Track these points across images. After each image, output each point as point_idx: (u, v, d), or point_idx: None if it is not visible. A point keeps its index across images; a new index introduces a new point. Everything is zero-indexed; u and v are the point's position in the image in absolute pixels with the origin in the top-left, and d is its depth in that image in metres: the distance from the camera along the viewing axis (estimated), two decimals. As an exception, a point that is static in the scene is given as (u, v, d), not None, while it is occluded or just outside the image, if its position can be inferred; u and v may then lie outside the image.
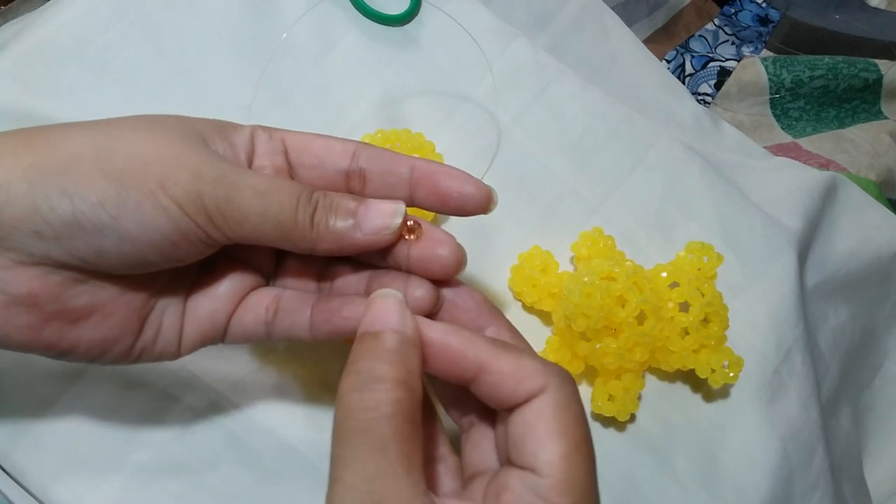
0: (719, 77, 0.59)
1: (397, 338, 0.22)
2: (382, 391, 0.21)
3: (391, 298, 0.23)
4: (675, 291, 0.37)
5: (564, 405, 0.22)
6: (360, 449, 0.20)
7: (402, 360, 0.22)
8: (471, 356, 0.23)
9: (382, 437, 0.20)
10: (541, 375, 0.22)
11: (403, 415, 0.21)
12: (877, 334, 0.49)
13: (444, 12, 0.44)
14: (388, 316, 0.22)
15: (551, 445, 0.21)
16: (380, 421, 0.20)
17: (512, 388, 0.22)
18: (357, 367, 0.21)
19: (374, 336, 0.22)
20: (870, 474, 0.46)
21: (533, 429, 0.22)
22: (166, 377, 0.34)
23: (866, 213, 0.48)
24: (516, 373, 0.22)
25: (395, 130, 0.39)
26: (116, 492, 0.32)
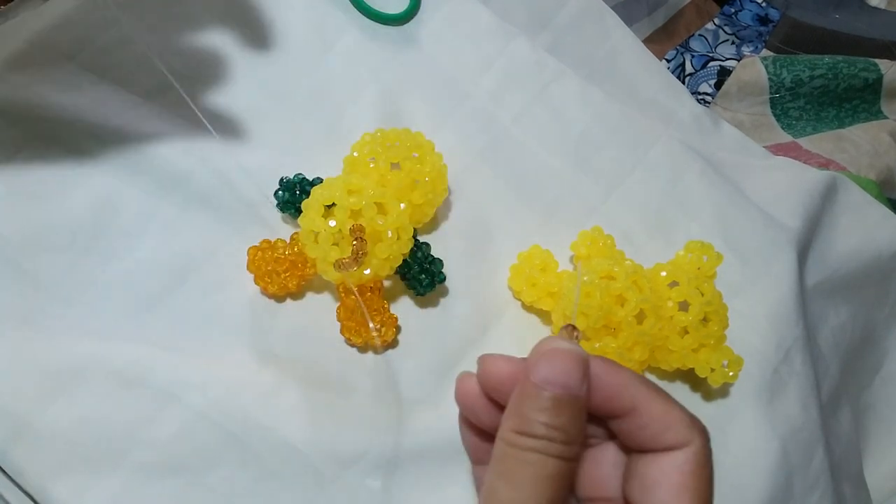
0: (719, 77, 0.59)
1: (582, 407, 0.22)
2: (556, 458, 0.21)
3: (573, 355, 0.22)
4: (675, 291, 0.37)
5: (704, 464, 0.22)
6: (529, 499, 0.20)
7: (580, 434, 0.22)
8: (626, 395, 0.22)
9: (545, 494, 0.20)
10: (688, 429, 0.22)
11: (567, 481, 0.21)
12: (877, 334, 0.49)
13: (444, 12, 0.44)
14: (573, 378, 0.22)
15: (683, 501, 0.21)
16: (547, 479, 0.21)
17: (656, 434, 0.22)
18: (535, 429, 0.21)
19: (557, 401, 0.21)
20: (870, 474, 0.46)
21: (669, 481, 0.21)
22: (166, 377, 0.34)
23: (866, 213, 0.48)
24: (665, 419, 0.22)
25: (395, 130, 0.39)
26: (116, 491, 0.32)
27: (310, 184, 0.38)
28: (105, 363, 0.34)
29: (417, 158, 0.38)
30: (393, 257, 0.35)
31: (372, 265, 0.34)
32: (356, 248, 0.33)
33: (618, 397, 0.22)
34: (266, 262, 0.36)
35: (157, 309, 0.36)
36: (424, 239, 0.39)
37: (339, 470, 0.34)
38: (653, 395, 0.22)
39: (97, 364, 0.33)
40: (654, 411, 0.22)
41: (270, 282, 0.36)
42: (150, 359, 0.34)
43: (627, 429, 0.22)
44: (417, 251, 0.37)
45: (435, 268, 0.37)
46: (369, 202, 0.34)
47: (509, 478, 0.21)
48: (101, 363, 0.34)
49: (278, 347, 0.36)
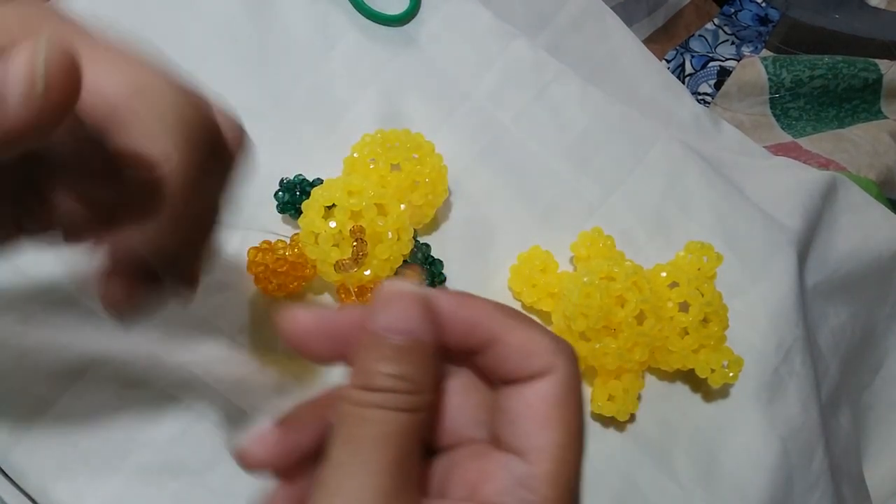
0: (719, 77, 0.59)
1: (429, 351, 0.19)
2: (401, 411, 0.19)
3: (411, 296, 0.20)
4: (675, 291, 0.37)
5: (569, 390, 0.20)
6: (365, 465, 0.18)
7: (430, 381, 0.19)
8: (483, 327, 0.20)
9: (390, 455, 0.18)
10: (552, 354, 0.20)
11: (417, 435, 0.19)
12: (877, 334, 0.49)
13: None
14: (414, 320, 0.19)
15: (549, 431, 0.19)
16: (391, 437, 0.18)
17: (518, 363, 0.20)
18: (374, 381, 0.19)
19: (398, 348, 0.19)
20: (870, 474, 0.46)
21: (532, 410, 0.20)
22: (166, 377, 0.34)
23: (866, 213, 0.48)
24: (527, 347, 0.20)
25: (395, 130, 0.39)
26: (116, 492, 0.32)
27: (310, 185, 0.38)
28: (105, 364, 0.34)
29: (417, 159, 0.38)
30: (393, 258, 0.35)
31: (372, 266, 0.34)
32: (356, 250, 0.33)
33: (474, 331, 0.20)
34: (266, 263, 0.36)
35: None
36: (424, 240, 0.39)
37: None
38: (514, 324, 0.20)
39: (97, 365, 0.34)
40: (515, 340, 0.20)
41: (271, 283, 0.36)
42: (151, 360, 0.34)
43: (490, 362, 0.20)
44: (418, 252, 0.37)
45: (435, 269, 0.38)
46: (369, 203, 0.34)
47: (348, 439, 0.18)
48: (101, 364, 0.34)
49: (279, 348, 0.36)
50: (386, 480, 0.18)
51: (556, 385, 0.20)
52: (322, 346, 0.20)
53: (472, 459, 0.21)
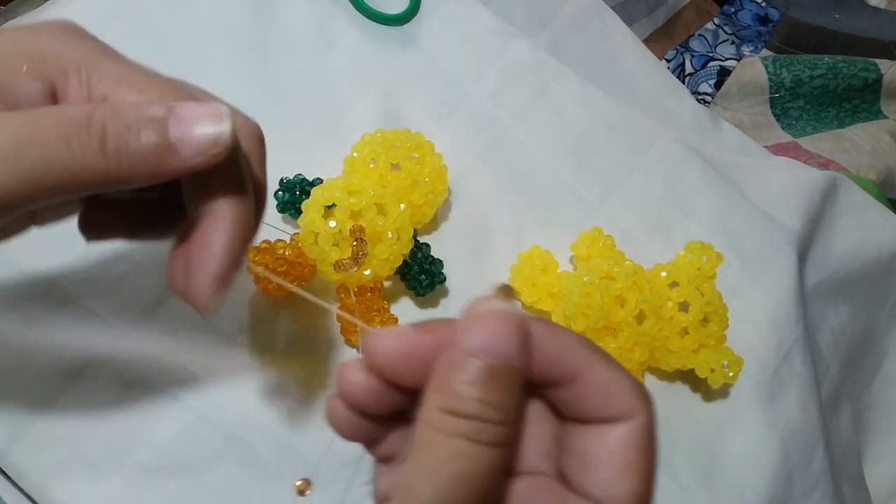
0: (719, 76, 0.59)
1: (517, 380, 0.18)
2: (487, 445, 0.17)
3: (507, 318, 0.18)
4: (675, 291, 0.37)
5: (650, 438, 0.20)
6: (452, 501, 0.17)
7: (515, 413, 0.18)
8: (568, 361, 0.19)
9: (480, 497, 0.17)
10: (635, 399, 0.19)
11: (500, 469, 0.18)
12: (877, 334, 0.49)
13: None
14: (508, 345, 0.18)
15: (628, 481, 0.19)
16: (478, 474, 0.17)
17: (599, 403, 0.19)
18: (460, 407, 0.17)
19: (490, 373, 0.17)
20: (870, 474, 0.46)
21: (612, 457, 0.19)
22: (166, 377, 0.34)
23: (866, 213, 0.48)
24: (610, 388, 0.19)
25: (395, 130, 0.39)
26: (116, 492, 0.32)
27: (310, 184, 0.38)
28: (105, 364, 0.34)
29: (417, 159, 0.38)
30: (393, 258, 0.35)
31: (372, 266, 0.34)
32: (356, 249, 0.33)
33: (559, 364, 0.19)
34: (266, 263, 0.36)
35: (157, 309, 0.36)
36: (424, 239, 0.39)
37: (339, 470, 0.34)
38: (597, 361, 0.19)
39: (97, 365, 0.34)
40: (597, 379, 0.19)
41: (271, 283, 0.36)
42: (151, 359, 0.34)
43: (567, 398, 0.19)
44: (417, 252, 0.37)
45: (435, 268, 0.38)
46: (369, 203, 0.34)
47: (432, 474, 0.17)
48: (101, 364, 0.34)
49: (279, 348, 0.36)
50: None
51: (637, 431, 0.19)
52: (409, 370, 0.19)
53: (544, 495, 0.20)
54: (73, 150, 0.19)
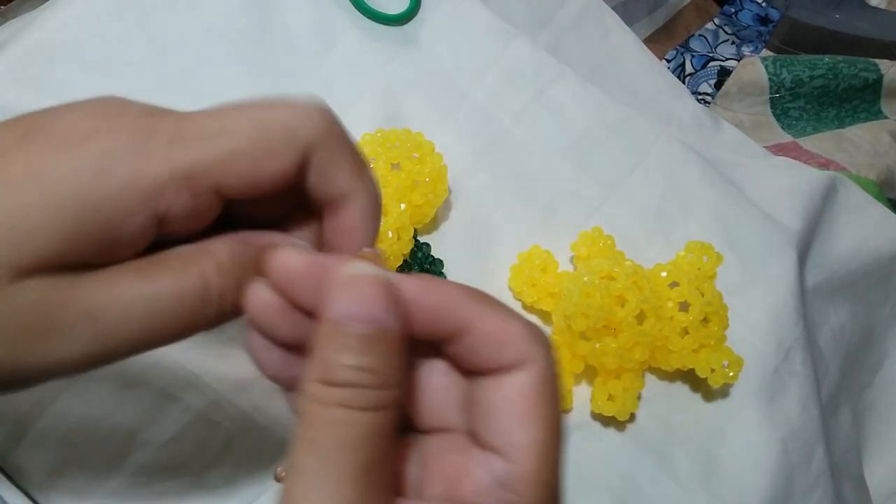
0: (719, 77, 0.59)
1: (396, 341, 0.18)
2: (368, 410, 0.17)
3: (373, 280, 0.18)
4: (675, 291, 0.37)
5: (548, 382, 0.18)
6: (337, 471, 0.16)
7: (398, 374, 0.18)
8: (453, 314, 0.19)
9: (358, 462, 0.17)
10: (528, 343, 0.18)
11: (387, 434, 0.17)
12: (877, 334, 0.49)
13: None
14: (378, 308, 0.17)
15: (528, 429, 0.18)
16: (359, 440, 0.17)
17: (491, 353, 0.19)
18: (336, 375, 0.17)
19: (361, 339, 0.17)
20: (870, 474, 0.46)
21: (510, 405, 0.18)
22: (166, 377, 0.34)
23: (866, 213, 0.48)
24: (499, 335, 0.18)
25: (395, 130, 0.39)
26: (116, 492, 0.32)
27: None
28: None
29: (418, 159, 0.38)
30: (393, 258, 0.35)
31: None
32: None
33: (443, 318, 0.19)
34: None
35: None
36: (424, 239, 0.39)
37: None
38: (485, 310, 0.19)
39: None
40: (486, 328, 0.18)
41: None
42: (151, 359, 0.34)
43: (461, 351, 0.19)
44: (417, 252, 0.37)
45: (435, 268, 0.37)
46: None
47: (313, 444, 0.17)
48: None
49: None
50: (354, 490, 0.16)
51: (534, 378, 0.18)
52: (310, 290, 0.18)
53: (451, 453, 0.19)
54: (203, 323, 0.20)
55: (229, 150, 0.19)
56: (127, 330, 0.19)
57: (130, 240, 0.19)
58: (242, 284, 0.20)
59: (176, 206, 0.19)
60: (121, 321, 0.19)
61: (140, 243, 0.19)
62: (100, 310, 0.19)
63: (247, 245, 0.21)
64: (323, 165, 0.20)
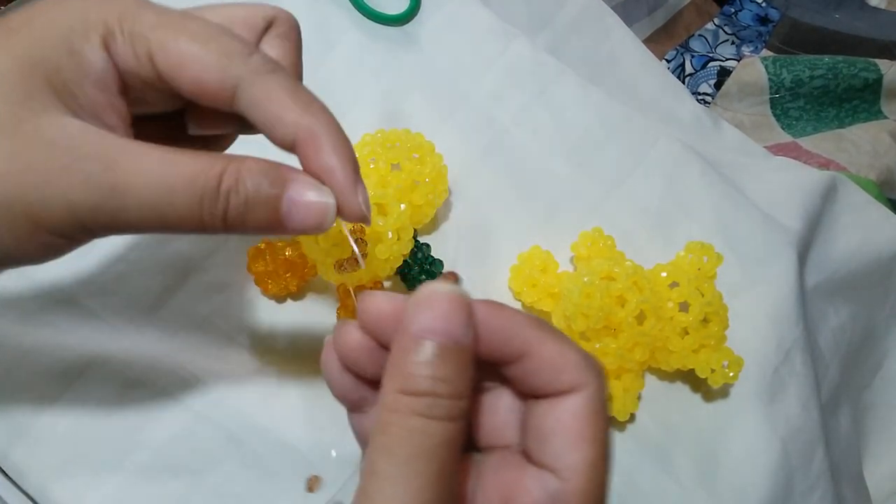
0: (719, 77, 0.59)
1: (468, 356, 0.19)
2: (443, 420, 0.18)
3: (452, 298, 0.19)
4: (675, 291, 0.37)
5: (599, 406, 0.20)
6: (414, 477, 0.18)
7: (468, 387, 0.19)
8: (517, 338, 0.20)
9: (433, 467, 0.18)
10: (582, 371, 0.20)
11: (459, 442, 0.19)
12: (877, 334, 0.49)
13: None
14: (456, 324, 0.19)
15: (581, 450, 0.19)
16: (436, 448, 0.18)
17: (548, 377, 0.20)
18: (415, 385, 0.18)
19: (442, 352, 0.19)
20: (870, 474, 0.46)
21: (563, 427, 0.20)
22: (166, 377, 0.34)
23: (866, 213, 0.48)
24: (557, 361, 0.20)
25: (395, 130, 0.39)
26: (116, 492, 0.32)
27: (310, 184, 0.38)
28: (105, 364, 0.34)
29: (418, 159, 0.38)
30: (393, 258, 0.35)
31: (372, 266, 0.34)
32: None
33: (508, 341, 0.20)
34: (267, 264, 0.36)
35: (157, 309, 0.36)
36: (424, 239, 0.39)
37: (339, 470, 0.34)
38: (545, 337, 0.20)
39: (97, 365, 0.34)
40: (545, 354, 0.20)
41: (271, 283, 0.36)
42: (151, 359, 0.34)
43: (520, 374, 0.20)
44: (418, 252, 0.37)
45: (435, 269, 0.37)
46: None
47: (391, 451, 0.18)
48: (101, 364, 0.34)
49: (279, 348, 0.36)
50: (429, 496, 0.18)
51: (587, 402, 0.20)
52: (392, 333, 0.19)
53: (507, 469, 0.20)
54: (203, 212, 0.21)
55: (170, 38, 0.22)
56: (140, 192, 0.20)
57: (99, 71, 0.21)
58: (254, 196, 0.21)
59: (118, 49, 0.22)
60: (138, 182, 0.20)
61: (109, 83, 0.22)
62: (121, 164, 0.21)
63: (272, 170, 0.22)
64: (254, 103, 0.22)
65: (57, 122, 0.21)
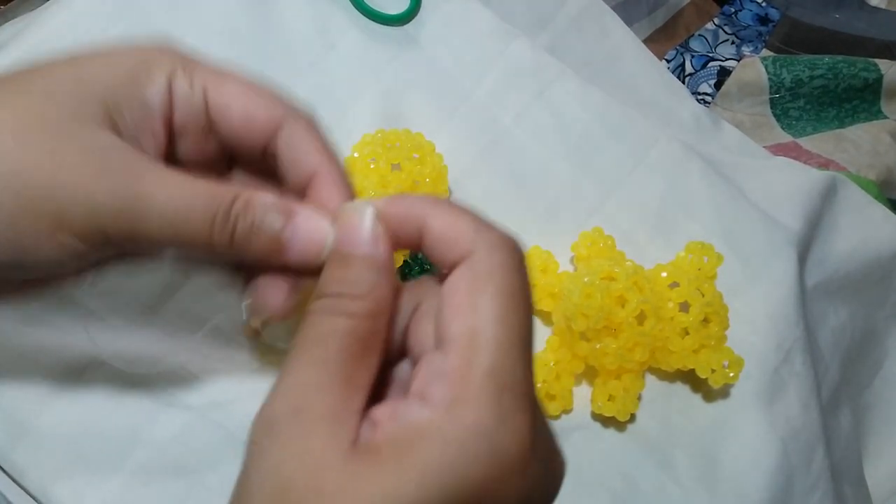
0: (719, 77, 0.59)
1: (368, 263, 0.20)
2: (342, 315, 0.20)
3: (362, 216, 0.21)
4: (676, 291, 0.37)
5: (486, 274, 0.19)
6: (304, 359, 0.19)
7: (369, 289, 0.20)
8: (413, 221, 0.21)
9: (327, 352, 0.19)
10: (468, 240, 0.20)
11: (357, 337, 0.19)
12: (877, 334, 0.49)
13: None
14: (358, 236, 0.21)
15: (458, 317, 0.19)
16: (330, 336, 0.19)
17: (442, 251, 0.20)
18: (325, 289, 0.20)
19: (343, 259, 0.21)
20: (870, 474, 0.46)
21: (446, 298, 0.19)
22: (166, 377, 0.34)
23: (866, 213, 0.48)
24: (448, 234, 0.20)
25: (395, 131, 0.39)
26: (116, 492, 0.32)
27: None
28: (105, 364, 0.34)
29: (418, 159, 0.38)
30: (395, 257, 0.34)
31: None
32: None
33: (405, 223, 0.21)
34: None
35: (157, 309, 0.36)
36: (425, 239, 0.39)
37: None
38: (438, 212, 0.20)
39: (97, 365, 0.34)
40: (437, 227, 0.20)
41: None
42: (151, 359, 0.34)
43: (430, 255, 0.21)
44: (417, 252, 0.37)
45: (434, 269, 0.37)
46: None
47: (299, 340, 0.20)
48: (100, 364, 0.34)
49: (278, 347, 0.36)
50: (321, 373, 0.19)
51: (469, 270, 0.19)
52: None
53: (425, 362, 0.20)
54: (214, 232, 0.22)
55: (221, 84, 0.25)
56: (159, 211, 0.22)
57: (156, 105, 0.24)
58: (259, 224, 0.23)
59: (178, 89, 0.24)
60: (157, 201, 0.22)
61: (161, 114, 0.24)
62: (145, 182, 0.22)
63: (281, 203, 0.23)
64: (290, 141, 0.25)
65: (97, 135, 0.22)
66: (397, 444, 0.18)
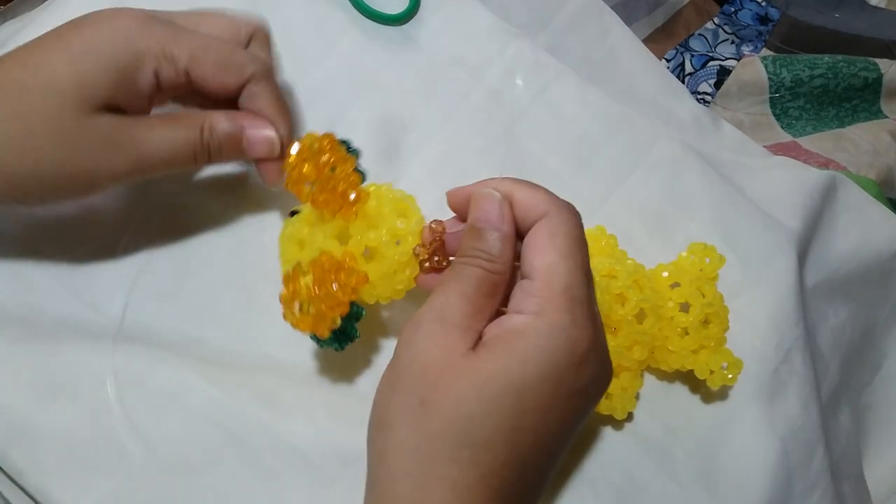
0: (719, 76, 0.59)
1: (497, 235, 0.28)
2: (479, 267, 0.27)
3: (494, 199, 0.28)
4: (676, 291, 0.37)
5: (559, 226, 0.27)
6: (451, 287, 0.27)
7: (498, 254, 0.28)
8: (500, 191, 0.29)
9: (468, 287, 0.27)
10: (545, 203, 0.28)
11: (489, 283, 0.27)
12: (877, 334, 0.49)
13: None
14: (491, 216, 0.28)
15: (540, 256, 0.27)
16: (471, 278, 0.27)
17: (526, 215, 0.28)
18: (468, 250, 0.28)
19: (479, 232, 0.28)
20: (870, 473, 0.46)
21: (529, 245, 0.27)
22: (167, 377, 0.34)
23: (866, 213, 0.48)
24: (530, 202, 0.28)
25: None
26: (115, 491, 0.32)
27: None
28: (105, 364, 0.34)
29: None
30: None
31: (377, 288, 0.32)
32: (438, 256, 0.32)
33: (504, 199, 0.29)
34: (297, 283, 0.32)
35: (157, 309, 0.36)
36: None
37: (339, 469, 0.34)
38: (519, 186, 0.29)
39: (98, 364, 0.34)
40: (519, 197, 0.28)
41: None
42: (151, 358, 0.34)
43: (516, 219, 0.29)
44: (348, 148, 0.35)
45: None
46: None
47: (443, 278, 0.28)
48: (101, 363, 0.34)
49: (278, 347, 0.36)
50: (461, 298, 0.27)
51: (546, 224, 0.27)
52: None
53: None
54: (196, 154, 0.33)
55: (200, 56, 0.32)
56: (156, 155, 0.32)
57: (144, 89, 0.31)
58: (224, 141, 0.33)
59: (164, 71, 0.31)
60: (153, 149, 0.32)
61: (149, 93, 0.32)
62: (142, 141, 0.31)
63: (230, 119, 0.33)
64: (251, 95, 0.34)
65: (99, 122, 0.30)
66: (503, 339, 0.26)
